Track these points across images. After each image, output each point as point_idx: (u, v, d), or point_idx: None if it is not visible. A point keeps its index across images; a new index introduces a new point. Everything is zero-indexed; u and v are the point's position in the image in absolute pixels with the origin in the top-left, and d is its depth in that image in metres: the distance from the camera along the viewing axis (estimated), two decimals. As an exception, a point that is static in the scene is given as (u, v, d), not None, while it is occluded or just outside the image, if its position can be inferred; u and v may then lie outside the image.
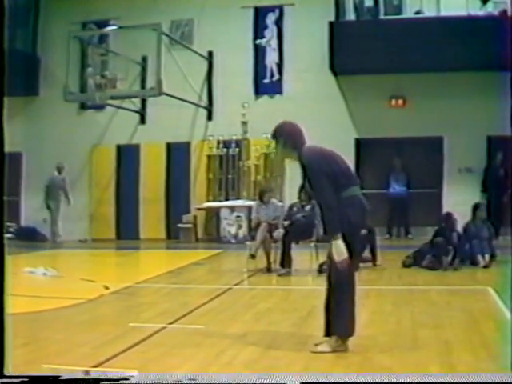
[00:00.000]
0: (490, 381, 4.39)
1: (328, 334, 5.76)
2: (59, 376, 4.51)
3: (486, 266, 11.39)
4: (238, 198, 17.82)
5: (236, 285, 10.13)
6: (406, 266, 11.48)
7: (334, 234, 5.58)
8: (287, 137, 5.84)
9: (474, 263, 11.53)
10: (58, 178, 18.19)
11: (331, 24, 16.45)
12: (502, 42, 12.81)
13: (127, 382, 4.49)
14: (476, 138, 16.33)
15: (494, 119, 14.96)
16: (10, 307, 4.79)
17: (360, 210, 5.76)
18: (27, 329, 6.65)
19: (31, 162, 19.16)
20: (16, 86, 17.14)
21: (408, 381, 4.47)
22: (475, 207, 12.20)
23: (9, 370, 4.27)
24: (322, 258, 9.13)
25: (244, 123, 17.50)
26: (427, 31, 15.70)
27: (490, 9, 15.99)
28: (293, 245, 11.01)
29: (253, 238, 11.58)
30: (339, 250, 5.56)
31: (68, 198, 18.18)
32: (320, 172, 5.65)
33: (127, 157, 19.00)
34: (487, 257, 11.59)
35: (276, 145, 5.96)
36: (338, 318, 5.72)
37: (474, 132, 16.19)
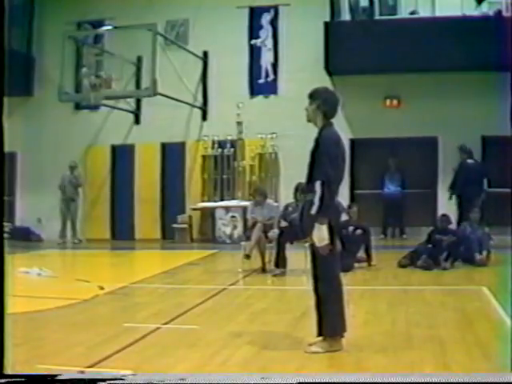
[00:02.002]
0: (488, 381, 4.40)
1: (321, 333, 5.78)
2: (57, 375, 4.53)
3: (482, 264, 11.46)
4: (233, 199, 17.80)
5: (231, 285, 10.16)
6: (401, 266, 11.50)
7: (322, 216, 5.57)
8: (323, 102, 5.85)
9: (471, 262, 11.57)
10: (70, 177, 18.11)
11: (326, 24, 16.47)
12: (496, 42, 12.95)
13: (128, 381, 4.51)
14: (470, 139, 16.18)
15: (488, 119, 15.11)
16: (10, 307, 4.81)
17: (337, 213, 5.93)
18: (22, 329, 6.58)
19: (26, 161, 19.10)
20: (10, 86, 17.26)
21: (406, 381, 4.48)
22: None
23: (8, 370, 4.30)
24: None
25: (239, 123, 17.48)
26: (422, 31, 15.75)
27: (485, 9, 16.03)
28: (287, 245, 11.00)
29: (248, 238, 11.67)
30: (322, 234, 5.56)
31: (77, 195, 18.23)
32: (331, 152, 5.67)
33: (122, 157, 19.00)
34: (484, 253, 11.68)
35: (310, 104, 5.91)
36: (326, 318, 5.75)
37: (468, 132, 16.14)
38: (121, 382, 4.51)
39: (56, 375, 4.54)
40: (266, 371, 5.17)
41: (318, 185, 5.57)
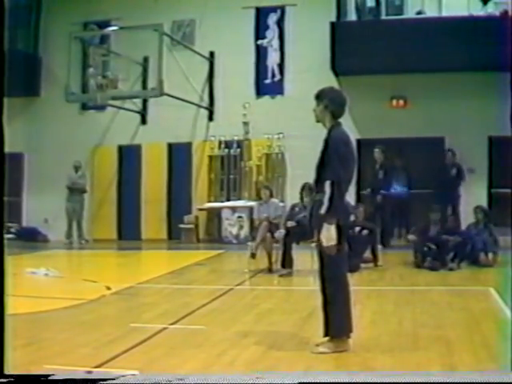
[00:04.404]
0: (490, 381, 4.39)
1: (327, 334, 5.79)
2: (49, 375, 4.53)
3: (489, 265, 11.57)
4: (239, 199, 17.88)
5: (237, 285, 10.19)
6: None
7: (331, 216, 5.57)
8: (329, 102, 5.84)
9: (476, 263, 11.69)
10: (75, 177, 18.20)
11: (333, 24, 16.44)
12: (503, 42, 12.90)
13: (126, 382, 4.53)
14: (477, 139, 16.33)
15: (495, 120, 15.00)
16: (10, 307, 4.81)
17: (341, 211, 5.73)
18: (29, 329, 6.69)
19: (33, 162, 19.26)
20: (17, 87, 17.33)
21: (407, 381, 4.49)
22: (475, 210, 12.47)
23: (9, 369, 4.27)
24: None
25: (245, 123, 17.55)
26: (429, 31, 15.68)
27: (491, 9, 15.98)
28: (294, 245, 11.06)
29: (254, 238, 11.78)
30: (330, 234, 5.57)
31: (82, 195, 18.30)
32: (340, 152, 5.67)
33: (129, 157, 19.06)
34: (490, 255, 11.79)
35: (317, 105, 5.90)
36: (333, 319, 5.76)
37: (475, 132, 16.20)
38: (116, 382, 4.51)
39: (49, 375, 4.54)
40: (273, 371, 5.18)
41: (327, 185, 5.58)
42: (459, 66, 15.80)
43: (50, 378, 4.51)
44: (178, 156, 18.80)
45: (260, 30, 18.26)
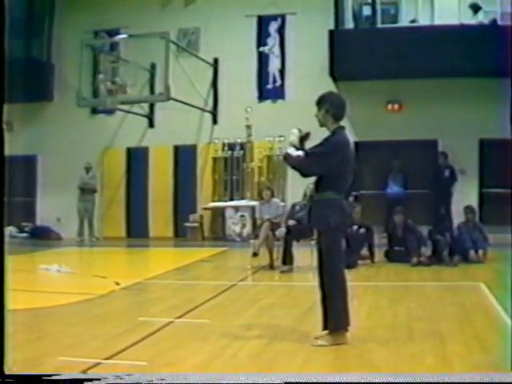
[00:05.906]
0: (490, 381, 4.38)
1: (326, 327, 5.95)
2: (53, 375, 4.52)
3: (479, 262, 11.89)
4: (242, 198, 18.03)
5: (240, 281, 10.32)
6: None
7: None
8: (330, 105, 5.93)
9: (467, 260, 11.97)
10: (86, 178, 18.46)
11: (331, 32, 16.58)
12: (492, 49, 13.46)
13: (127, 381, 4.50)
14: (469, 141, 16.51)
15: (485, 123, 15.30)
16: (24, 302, 5.03)
17: (338, 211, 5.89)
18: (42, 323, 6.96)
19: (46, 163, 19.44)
20: (32, 92, 17.82)
21: (406, 381, 4.49)
22: (465, 209, 12.73)
23: (8, 369, 4.23)
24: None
25: (248, 127, 17.64)
26: (422, 39, 15.89)
27: (481, 18, 16.19)
28: (294, 243, 11.24)
29: (256, 237, 11.81)
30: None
31: (93, 195, 18.56)
32: (327, 151, 5.86)
33: (137, 159, 19.24)
34: (480, 252, 12.08)
35: (318, 110, 5.98)
36: (331, 313, 5.89)
37: (466, 135, 16.34)
38: (119, 381, 4.47)
39: (52, 375, 4.50)
40: (274, 364, 5.33)
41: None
42: (451, 72, 15.95)
43: (48, 377, 4.48)
44: (184, 158, 18.94)
45: (262, 38, 18.42)
